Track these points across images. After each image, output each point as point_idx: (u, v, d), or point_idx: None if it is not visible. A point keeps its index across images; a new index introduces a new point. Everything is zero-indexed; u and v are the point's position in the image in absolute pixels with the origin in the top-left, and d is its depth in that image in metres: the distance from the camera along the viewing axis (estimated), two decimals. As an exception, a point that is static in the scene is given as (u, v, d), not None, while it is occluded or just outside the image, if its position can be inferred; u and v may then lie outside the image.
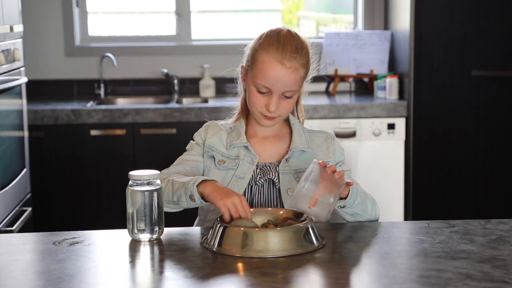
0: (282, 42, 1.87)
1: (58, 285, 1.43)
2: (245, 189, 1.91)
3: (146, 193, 1.70)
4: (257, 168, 1.93)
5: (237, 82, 2.05)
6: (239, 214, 1.68)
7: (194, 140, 2.02)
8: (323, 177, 1.68)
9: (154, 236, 1.72)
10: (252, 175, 1.92)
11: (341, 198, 1.77)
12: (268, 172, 1.93)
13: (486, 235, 1.73)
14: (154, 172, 1.72)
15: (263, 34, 1.92)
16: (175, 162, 2.00)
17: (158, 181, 1.72)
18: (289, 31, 1.91)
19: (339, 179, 1.70)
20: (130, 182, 1.71)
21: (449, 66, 3.81)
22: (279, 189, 1.92)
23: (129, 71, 4.33)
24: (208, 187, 1.74)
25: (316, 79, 2.03)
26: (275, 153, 1.97)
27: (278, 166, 1.94)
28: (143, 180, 1.70)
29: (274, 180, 1.92)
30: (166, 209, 1.84)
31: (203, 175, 1.93)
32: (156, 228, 1.72)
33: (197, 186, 1.75)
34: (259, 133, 1.99)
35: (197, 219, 2.02)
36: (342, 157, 2.02)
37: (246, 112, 2.01)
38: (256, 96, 1.90)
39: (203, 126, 2.04)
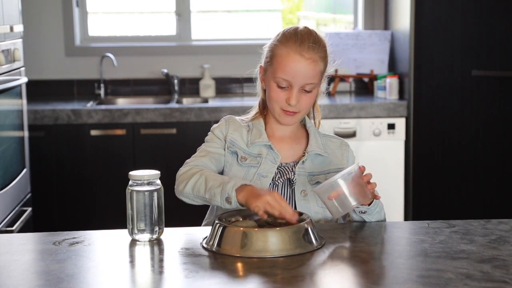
0: (300, 36, 1.89)
1: (58, 285, 1.43)
2: None
3: (146, 193, 1.70)
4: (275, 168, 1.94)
5: (254, 82, 2.04)
6: (277, 212, 1.67)
7: (214, 133, 1.98)
8: (356, 181, 1.72)
9: (154, 236, 1.72)
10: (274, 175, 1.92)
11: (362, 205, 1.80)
12: (286, 172, 1.93)
13: (486, 235, 1.73)
14: (154, 172, 1.72)
15: (281, 31, 1.94)
16: (199, 153, 1.95)
17: (158, 181, 1.72)
18: (306, 27, 1.93)
19: (369, 190, 1.74)
20: (130, 182, 1.71)
21: (449, 66, 3.81)
22: (293, 189, 1.92)
23: (129, 71, 4.33)
24: (244, 192, 1.73)
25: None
26: (292, 154, 1.97)
27: (295, 167, 1.94)
28: (143, 180, 1.70)
29: (292, 179, 1.92)
30: (187, 200, 1.85)
31: (223, 170, 1.94)
32: (156, 228, 1.72)
33: (236, 190, 1.74)
34: (276, 134, 1.99)
35: (210, 216, 2.01)
36: None
37: (264, 113, 2.01)
38: (276, 91, 1.90)
39: (223, 120, 2.01)
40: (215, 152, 1.95)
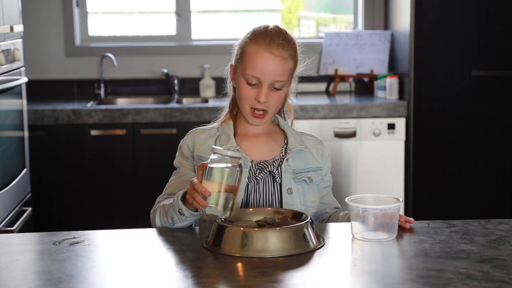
0: (270, 33, 1.90)
1: (58, 285, 1.43)
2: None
3: (226, 170, 1.63)
4: (253, 165, 1.93)
5: (226, 82, 2.04)
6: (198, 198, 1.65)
7: (182, 150, 1.98)
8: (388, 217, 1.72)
9: (225, 215, 1.65)
10: (251, 173, 1.92)
11: None
12: (266, 166, 1.93)
13: (486, 235, 1.73)
14: (238, 153, 1.65)
15: (251, 29, 1.95)
16: (167, 186, 1.97)
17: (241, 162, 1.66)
18: (276, 26, 1.95)
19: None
20: (212, 156, 1.64)
21: (449, 66, 3.81)
22: (279, 185, 1.92)
23: (129, 71, 4.33)
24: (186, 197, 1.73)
25: (316, 79, 2.03)
26: (267, 151, 1.97)
27: (275, 163, 1.94)
28: (224, 154, 1.63)
29: (274, 172, 1.92)
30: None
31: None
32: (229, 208, 1.65)
33: (181, 199, 1.75)
34: (250, 132, 1.99)
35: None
36: (330, 164, 2.04)
37: (234, 112, 2.01)
38: (246, 89, 1.91)
39: (188, 134, 2.00)
40: (186, 178, 1.92)
